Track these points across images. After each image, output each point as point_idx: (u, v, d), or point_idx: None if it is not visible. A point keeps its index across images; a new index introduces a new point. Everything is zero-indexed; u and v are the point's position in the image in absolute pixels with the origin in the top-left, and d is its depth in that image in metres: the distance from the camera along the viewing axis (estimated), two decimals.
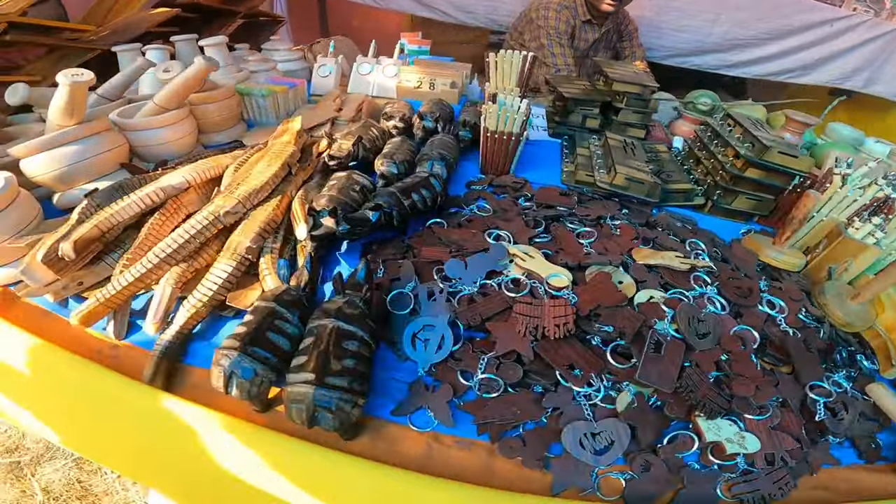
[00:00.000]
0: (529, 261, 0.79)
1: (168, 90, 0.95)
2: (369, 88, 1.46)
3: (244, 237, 0.71)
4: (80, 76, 0.79)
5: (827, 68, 2.37)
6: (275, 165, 0.81)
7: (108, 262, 0.73)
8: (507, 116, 1.02)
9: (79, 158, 0.84)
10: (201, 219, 0.69)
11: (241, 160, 0.87)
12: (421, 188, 0.89)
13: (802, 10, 2.24)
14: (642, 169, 1.15)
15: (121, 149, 0.91)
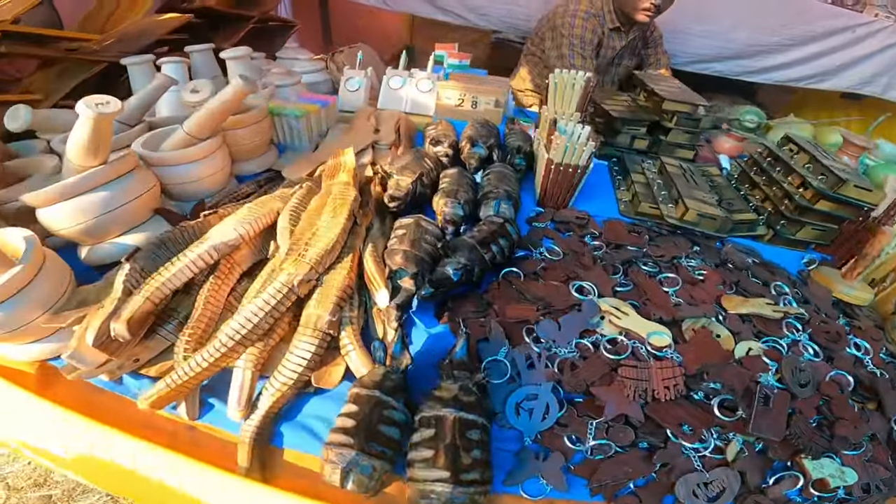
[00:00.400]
0: (625, 318, 0.75)
1: (201, 117, 0.83)
2: (402, 104, 1.34)
3: (322, 310, 0.62)
4: (106, 105, 0.66)
5: (847, 74, 2.31)
6: (341, 216, 0.70)
7: (162, 335, 0.64)
8: (575, 148, 0.92)
9: (109, 207, 0.72)
10: (274, 293, 0.60)
11: (295, 204, 0.75)
12: (499, 237, 0.81)
13: (825, 15, 2.19)
14: (710, 202, 1.08)
15: (153, 191, 0.79)
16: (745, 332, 0.78)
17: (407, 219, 0.81)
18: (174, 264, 0.64)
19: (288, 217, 0.72)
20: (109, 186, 0.72)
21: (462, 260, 0.75)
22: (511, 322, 0.74)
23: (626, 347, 0.70)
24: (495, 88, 1.28)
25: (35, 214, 0.71)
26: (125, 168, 0.74)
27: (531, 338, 0.72)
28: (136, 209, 0.76)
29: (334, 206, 0.73)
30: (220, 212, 0.79)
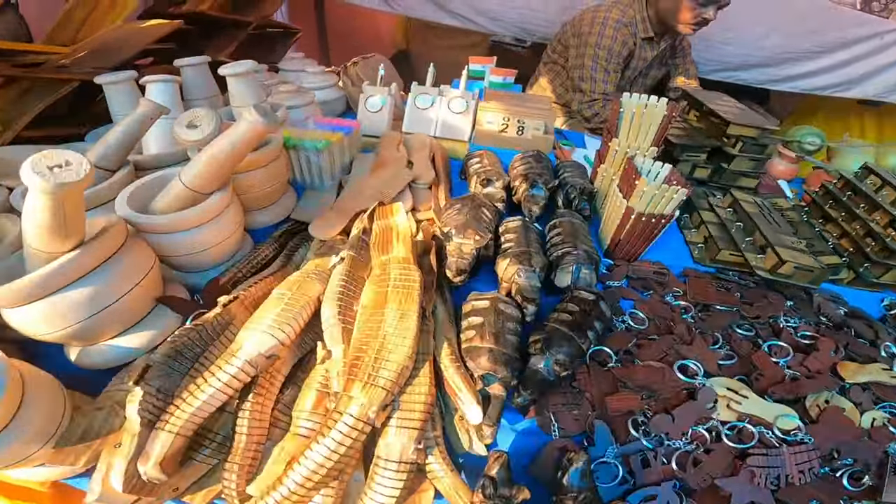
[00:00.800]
0: (745, 402, 0.65)
1: (205, 166, 0.64)
2: (431, 127, 1.15)
3: (406, 438, 0.48)
4: (67, 170, 0.45)
5: (872, 82, 2.24)
6: (411, 315, 0.54)
7: (198, 460, 0.51)
8: (664, 196, 0.76)
9: (96, 307, 0.53)
10: (347, 431, 0.45)
11: (340, 289, 0.57)
12: (594, 321, 0.64)
13: (854, 22, 2.11)
14: (800, 248, 0.94)
15: (152, 275, 0.60)
16: (865, 401, 0.71)
17: (481, 301, 0.64)
18: (202, 388, 0.48)
19: (336, 308, 0.55)
20: (93, 278, 0.52)
21: (560, 356, 0.60)
22: (614, 415, 0.62)
23: (751, 435, 0.62)
24: (543, 110, 1.10)
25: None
26: (111, 248, 0.54)
27: (640, 431, 0.61)
28: (133, 303, 0.57)
29: (399, 300, 0.55)
30: (243, 295, 0.61)
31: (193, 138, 0.70)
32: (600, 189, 0.97)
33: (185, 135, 0.70)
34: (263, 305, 0.57)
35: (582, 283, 0.75)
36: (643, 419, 0.62)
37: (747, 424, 0.62)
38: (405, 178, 0.88)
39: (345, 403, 0.47)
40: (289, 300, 0.56)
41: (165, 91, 0.90)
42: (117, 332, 0.58)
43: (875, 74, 2.21)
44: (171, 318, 0.62)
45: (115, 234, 0.55)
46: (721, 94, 1.36)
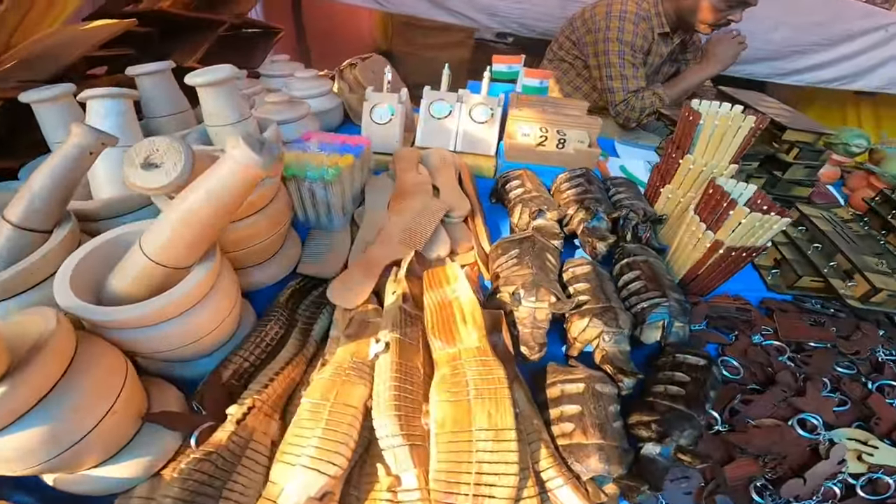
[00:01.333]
0: (877, 454, 0.58)
1: (175, 232, 0.44)
2: (450, 140, 0.98)
3: None
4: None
5: (878, 73, 2.23)
6: (508, 433, 0.40)
7: None
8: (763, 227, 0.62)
9: (56, 450, 0.37)
10: None
11: (395, 391, 0.41)
12: (710, 390, 0.53)
13: (860, 14, 2.10)
14: (886, 272, 0.81)
15: (128, 387, 0.42)
16: None
17: (573, 384, 0.49)
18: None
19: (397, 422, 0.40)
20: (35, 418, 0.35)
21: (683, 441, 0.48)
22: (733, 486, 0.52)
23: (887, 486, 0.56)
24: (583, 118, 0.94)
25: None
26: (54, 373, 0.36)
27: (767, 497, 0.52)
28: (109, 432, 0.40)
29: (488, 413, 0.40)
30: (258, 401, 0.45)
31: (154, 185, 0.47)
32: (666, 213, 0.82)
33: (141, 180, 0.47)
34: (295, 423, 0.43)
35: (674, 338, 0.61)
36: (766, 485, 0.54)
37: (883, 475, 0.56)
38: (437, 212, 0.72)
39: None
40: (329, 416, 0.41)
41: (113, 110, 0.64)
42: (99, 462, 0.42)
43: (879, 66, 2.20)
44: (169, 436, 0.45)
45: (56, 350, 0.36)
46: (762, 94, 1.23)
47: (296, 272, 0.69)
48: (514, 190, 0.81)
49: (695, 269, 0.73)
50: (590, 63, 1.65)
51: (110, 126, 0.63)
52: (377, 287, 0.61)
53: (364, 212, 0.77)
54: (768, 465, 0.54)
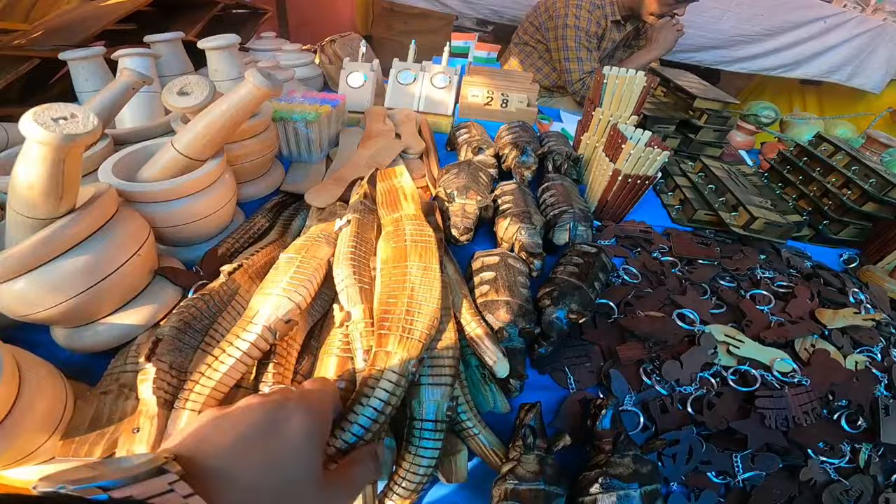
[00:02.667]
0: (743, 347, 0.71)
1: (202, 131, 0.62)
2: (414, 102, 1.17)
3: (440, 397, 0.49)
4: (73, 122, 0.43)
5: (816, 62, 2.44)
6: (433, 269, 0.55)
7: None
8: (648, 158, 0.81)
9: (95, 278, 0.49)
10: (392, 388, 0.44)
11: (351, 249, 0.58)
12: (599, 271, 0.70)
13: (801, 6, 2.29)
14: (768, 207, 1.01)
15: (148, 243, 0.57)
16: (846, 345, 0.77)
17: (490, 257, 0.67)
18: (220, 359, 0.46)
19: (351, 269, 0.56)
20: (88, 246, 0.48)
21: (574, 305, 0.63)
22: (625, 365, 0.66)
23: (755, 378, 0.67)
24: (525, 85, 1.13)
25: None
26: (105, 215, 0.51)
27: (652, 379, 0.65)
28: (131, 275, 0.54)
29: (419, 254, 0.57)
30: (246, 264, 0.61)
31: (186, 105, 0.69)
32: (585, 156, 1.01)
33: (175, 101, 0.69)
34: (273, 269, 0.56)
35: (580, 238, 0.80)
36: (652, 367, 0.66)
37: (749, 368, 0.68)
38: (396, 147, 0.90)
39: (383, 359, 0.46)
40: (300, 263, 0.56)
41: (142, 65, 0.87)
42: (114, 308, 0.54)
43: (818, 56, 2.41)
44: (171, 290, 0.59)
45: (108, 200, 0.52)
46: (684, 70, 1.43)
47: (279, 190, 0.87)
48: (462, 136, 1.00)
49: (604, 196, 0.92)
50: (550, 46, 1.84)
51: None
52: (344, 196, 0.78)
53: (338, 151, 0.95)
54: (653, 349, 0.67)
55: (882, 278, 0.96)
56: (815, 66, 2.43)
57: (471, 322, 0.57)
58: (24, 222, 0.47)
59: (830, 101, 2.69)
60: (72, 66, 0.87)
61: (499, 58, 1.73)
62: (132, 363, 0.51)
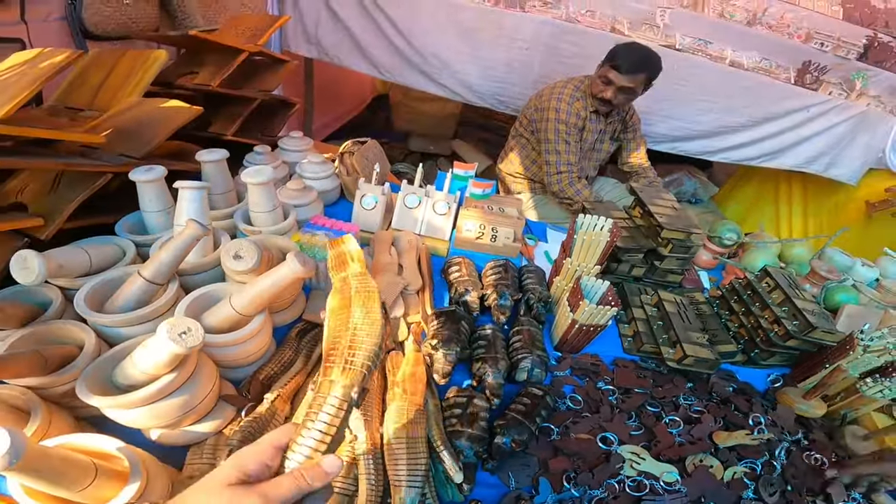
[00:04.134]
0: (643, 463, 0.96)
1: (254, 298, 0.86)
2: (416, 226, 1.41)
3: (415, 494, 0.76)
4: (192, 336, 0.68)
5: (795, 152, 2.60)
6: (375, 311, 0.66)
7: None
8: (601, 314, 1.04)
9: (186, 409, 0.76)
10: (334, 411, 0.57)
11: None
12: (541, 409, 0.96)
13: (786, 96, 2.43)
14: (703, 343, 1.24)
15: (217, 381, 0.84)
16: (731, 459, 1.01)
17: (460, 397, 0.94)
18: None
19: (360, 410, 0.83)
20: (185, 390, 0.75)
21: (516, 437, 0.90)
22: (553, 473, 0.92)
23: (645, 486, 0.90)
24: (513, 220, 1.37)
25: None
26: (193, 366, 0.78)
27: (571, 484, 0.90)
28: (208, 403, 0.81)
29: (362, 302, 0.68)
30: (281, 392, 0.89)
31: (240, 269, 0.91)
32: (554, 295, 1.25)
33: (232, 264, 0.91)
34: (305, 400, 0.87)
35: (535, 379, 1.04)
36: (573, 475, 0.91)
37: (644, 479, 0.92)
38: (399, 286, 1.13)
39: (327, 387, 0.54)
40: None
41: (197, 197, 1.03)
42: (194, 422, 0.81)
43: (797, 146, 2.57)
44: (229, 409, 0.86)
45: (195, 355, 0.79)
46: (662, 190, 1.65)
47: (301, 318, 1.11)
48: (453, 274, 1.24)
49: (564, 335, 1.16)
50: (537, 137, 2.07)
51: (196, 209, 1.02)
52: None
53: None
54: (576, 462, 0.93)
55: (794, 399, 1.21)
56: (794, 155, 2.60)
57: (440, 445, 0.84)
58: (142, 376, 0.72)
59: (814, 188, 2.87)
60: (139, 186, 1.06)
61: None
62: (208, 457, 0.79)
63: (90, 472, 0.60)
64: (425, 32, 2.32)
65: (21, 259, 0.81)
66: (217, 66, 1.52)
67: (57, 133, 1.09)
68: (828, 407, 1.23)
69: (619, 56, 1.82)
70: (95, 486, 0.60)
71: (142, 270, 0.88)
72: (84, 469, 0.59)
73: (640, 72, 1.84)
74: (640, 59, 1.84)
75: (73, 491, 0.58)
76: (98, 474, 0.60)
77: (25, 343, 0.80)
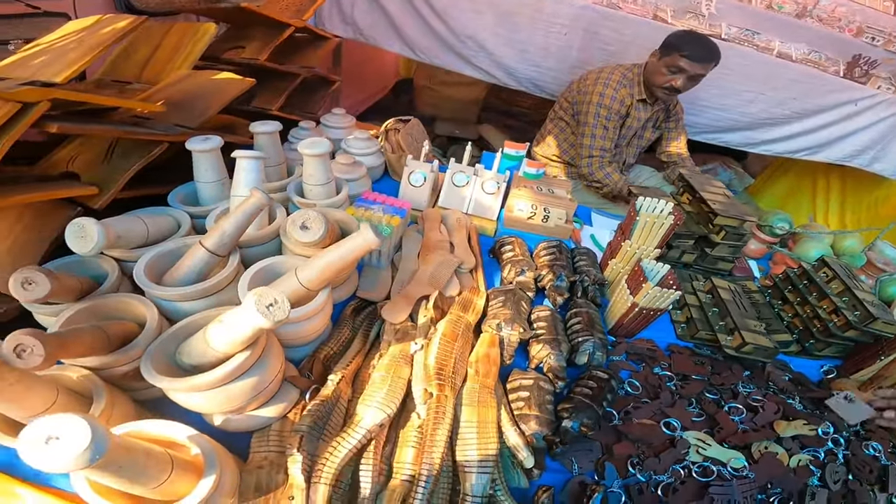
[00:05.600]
0: (709, 449, 0.96)
1: (322, 271, 0.82)
2: (464, 204, 1.40)
3: (486, 479, 0.76)
4: (279, 308, 0.64)
5: (840, 146, 2.55)
6: (466, 350, 0.81)
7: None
8: (662, 297, 1.04)
9: (257, 391, 0.74)
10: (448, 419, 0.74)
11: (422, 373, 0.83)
12: (607, 394, 0.96)
13: (835, 89, 2.38)
14: (761, 331, 1.23)
15: (283, 360, 0.83)
16: (794, 448, 1.02)
17: (526, 379, 0.93)
18: (338, 450, 0.73)
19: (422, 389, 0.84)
20: (256, 370, 0.72)
21: (585, 420, 0.90)
22: (618, 458, 0.92)
23: (712, 472, 0.92)
24: (565, 201, 1.37)
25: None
26: (263, 345, 0.74)
27: (636, 469, 0.90)
28: (275, 385, 0.79)
29: (463, 341, 0.91)
30: (343, 373, 0.88)
31: (306, 240, 0.90)
32: (610, 279, 1.24)
33: (298, 235, 0.89)
34: (371, 384, 0.85)
35: (596, 362, 1.04)
36: (638, 461, 0.91)
37: (710, 465, 0.93)
38: (452, 265, 1.13)
39: (443, 400, 0.78)
40: (391, 382, 0.84)
41: (255, 167, 1.01)
42: (260, 406, 0.80)
43: (842, 139, 2.51)
44: (293, 392, 0.85)
45: (264, 337, 0.74)
46: (711, 178, 1.64)
47: (355, 294, 1.12)
48: (506, 253, 1.24)
49: (621, 319, 1.15)
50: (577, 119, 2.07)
51: (254, 179, 1.00)
52: (412, 311, 1.03)
53: (401, 258, 1.19)
54: (640, 448, 0.93)
55: (851, 389, 1.19)
56: (838, 149, 2.55)
57: (509, 428, 0.84)
58: (213, 353, 0.69)
59: (853, 182, 2.84)
60: (195, 156, 1.06)
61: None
62: (275, 444, 0.77)
63: (167, 466, 0.56)
64: (462, 14, 2.31)
65: (78, 227, 0.78)
66: (263, 41, 1.53)
67: (116, 100, 1.11)
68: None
69: (686, 45, 1.81)
70: (171, 481, 0.56)
71: (204, 241, 0.85)
72: (163, 463, 0.56)
73: (712, 60, 1.84)
74: (709, 47, 1.85)
75: (150, 487, 0.54)
76: (174, 467, 0.57)
77: (82, 318, 0.77)
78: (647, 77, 1.96)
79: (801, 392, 1.18)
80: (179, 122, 1.18)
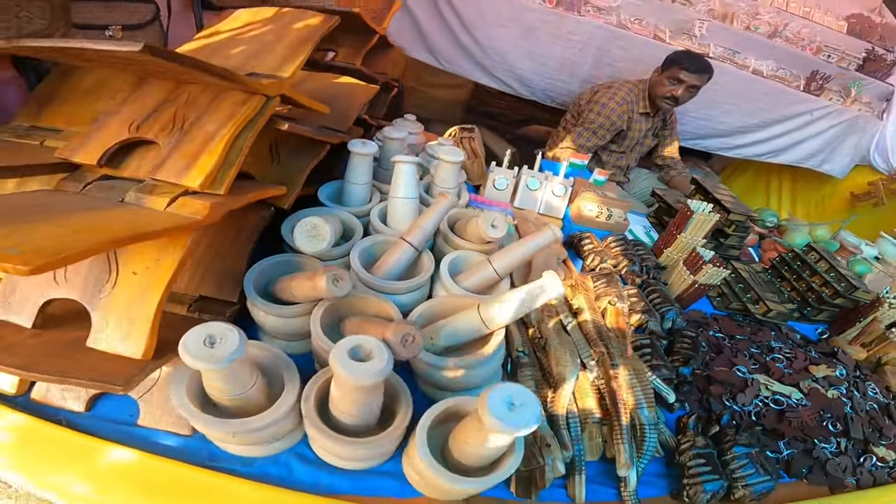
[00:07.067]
0: (773, 386, 1.31)
1: (513, 261, 1.04)
2: (536, 205, 1.71)
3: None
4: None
5: (796, 150, 3.09)
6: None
7: None
8: (716, 275, 1.39)
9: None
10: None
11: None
12: (700, 348, 1.33)
13: (796, 100, 2.88)
14: (777, 300, 1.62)
15: None
16: (825, 385, 1.36)
17: (644, 340, 1.24)
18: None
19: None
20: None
21: (694, 366, 1.26)
22: (713, 395, 1.25)
23: (781, 402, 1.25)
24: (623, 203, 1.71)
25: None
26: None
27: (729, 401, 1.25)
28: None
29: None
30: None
31: (495, 237, 1.08)
32: (665, 263, 1.59)
33: (490, 232, 1.07)
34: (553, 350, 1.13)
35: (678, 327, 1.37)
36: (728, 396, 1.25)
37: (779, 397, 1.27)
38: (556, 256, 1.43)
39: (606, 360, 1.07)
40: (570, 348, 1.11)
41: (412, 172, 1.15)
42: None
43: (799, 144, 3.04)
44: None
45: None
46: (718, 183, 2.04)
47: None
48: (586, 245, 1.55)
49: (681, 295, 1.50)
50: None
51: (412, 182, 1.15)
52: None
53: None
54: (726, 388, 1.28)
55: (843, 346, 1.62)
56: (796, 153, 3.09)
57: (649, 375, 1.13)
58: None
59: (802, 182, 3.39)
60: (352, 158, 1.17)
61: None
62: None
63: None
64: (489, 27, 2.59)
65: (310, 227, 0.88)
66: (352, 47, 1.68)
67: (312, 103, 1.06)
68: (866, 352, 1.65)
69: (685, 59, 2.20)
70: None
71: (407, 238, 1.03)
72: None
73: (706, 72, 2.23)
74: (704, 61, 2.24)
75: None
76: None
77: (326, 316, 0.86)
78: (651, 89, 2.34)
79: (813, 346, 1.58)
80: (326, 123, 1.22)
